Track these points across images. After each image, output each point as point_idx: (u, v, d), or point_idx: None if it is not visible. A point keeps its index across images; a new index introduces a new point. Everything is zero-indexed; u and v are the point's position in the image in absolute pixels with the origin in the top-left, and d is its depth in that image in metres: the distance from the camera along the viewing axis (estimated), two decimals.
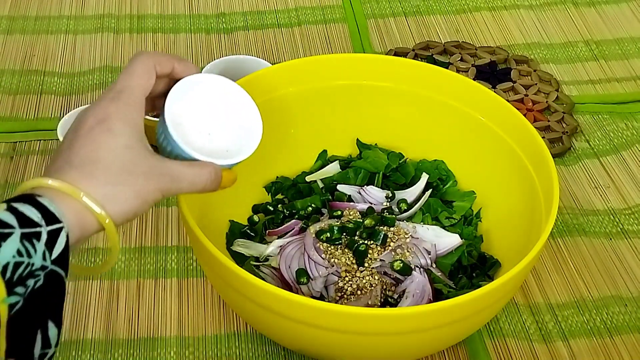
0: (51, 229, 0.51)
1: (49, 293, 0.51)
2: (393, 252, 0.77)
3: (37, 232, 0.50)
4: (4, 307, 0.48)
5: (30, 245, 0.50)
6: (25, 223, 0.50)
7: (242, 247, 0.80)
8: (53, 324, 0.52)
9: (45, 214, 0.51)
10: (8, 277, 0.48)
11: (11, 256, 0.48)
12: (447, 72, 0.85)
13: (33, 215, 0.51)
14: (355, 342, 0.67)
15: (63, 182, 0.54)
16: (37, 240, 0.50)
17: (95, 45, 1.11)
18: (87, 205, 0.54)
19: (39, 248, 0.50)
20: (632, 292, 0.83)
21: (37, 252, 0.50)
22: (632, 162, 0.97)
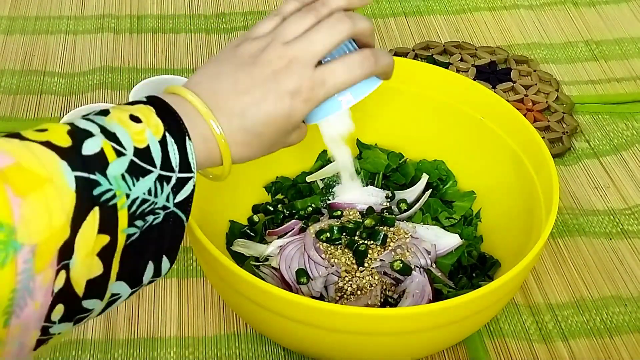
0: (181, 176, 0.53)
1: (167, 231, 0.53)
2: (393, 252, 0.77)
3: (168, 177, 0.53)
4: (123, 236, 0.50)
5: (160, 186, 0.52)
6: (165, 166, 0.52)
7: (242, 247, 0.80)
8: (167, 259, 0.54)
9: (183, 161, 0.53)
10: (132, 211, 0.50)
11: (142, 193, 0.51)
12: (447, 72, 0.85)
13: (173, 160, 0.53)
14: (355, 342, 0.67)
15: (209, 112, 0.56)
16: (167, 183, 0.52)
17: (95, 45, 1.11)
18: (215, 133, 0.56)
19: (165, 190, 0.52)
20: (632, 292, 0.83)
21: (162, 194, 0.52)
22: (632, 162, 0.97)
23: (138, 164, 0.51)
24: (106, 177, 0.49)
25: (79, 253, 0.48)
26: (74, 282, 0.48)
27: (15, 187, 0.45)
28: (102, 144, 0.50)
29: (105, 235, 0.49)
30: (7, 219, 0.44)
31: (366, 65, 0.61)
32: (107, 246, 0.49)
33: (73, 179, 0.47)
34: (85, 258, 0.48)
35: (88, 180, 0.48)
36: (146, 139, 0.52)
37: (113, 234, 0.49)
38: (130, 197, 0.50)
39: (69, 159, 0.48)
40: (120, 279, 0.51)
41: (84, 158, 0.49)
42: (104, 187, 0.49)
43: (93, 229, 0.48)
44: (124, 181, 0.50)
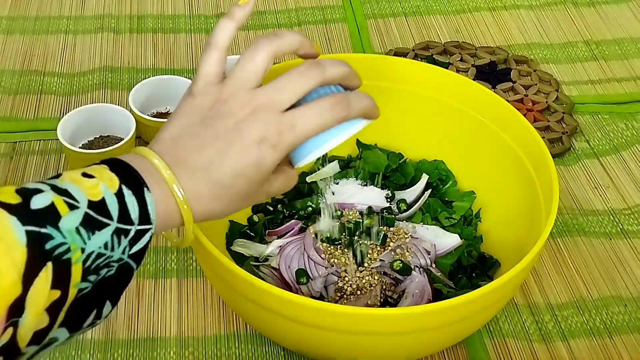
0: (140, 228, 0.52)
1: (117, 281, 0.52)
2: (393, 252, 0.77)
3: (127, 230, 0.51)
4: (74, 291, 0.49)
5: (117, 240, 0.50)
6: (123, 219, 0.51)
7: (242, 247, 0.80)
8: (110, 303, 0.53)
9: (142, 213, 0.52)
10: (87, 266, 0.49)
11: (97, 247, 0.49)
12: (447, 72, 0.85)
13: (132, 213, 0.51)
14: (355, 342, 0.67)
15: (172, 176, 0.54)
16: (124, 237, 0.51)
17: (95, 45, 1.11)
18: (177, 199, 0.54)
19: (123, 244, 0.51)
20: (632, 292, 0.83)
21: (119, 247, 0.51)
22: (632, 162, 0.97)
23: (93, 217, 0.49)
24: (59, 231, 0.47)
25: (30, 310, 0.46)
26: (19, 338, 0.46)
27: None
28: (52, 198, 0.48)
29: (57, 290, 0.47)
30: None
31: (338, 109, 0.58)
32: (57, 301, 0.48)
33: (23, 233, 0.46)
34: (35, 316, 0.46)
35: (39, 235, 0.46)
36: (101, 192, 0.50)
37: (65, 289, 0.48)
38: (86, 251, 0.48)
39: (18, 214, 0.46)
40: (62, 326, 0.50)
41: (33, 212, 0.47)
42: (57, 240, 0.47)
43: (46, 285, 0.46)
44: (78, 235, 0.48)
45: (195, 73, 0.61)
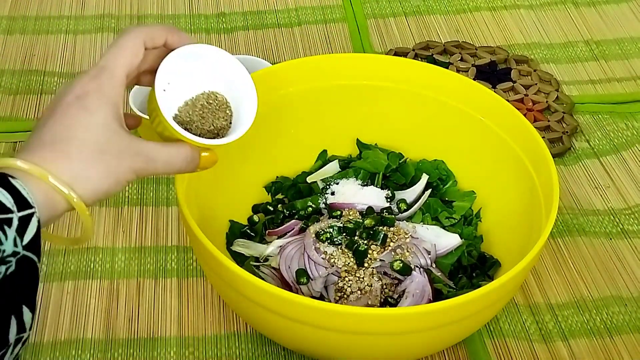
0: (22, 214, 0.51)
1: (22, 278, 0.51)
2: (393, 252, 0.77)
3: (8, 219, 0.50)
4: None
5: (1, 232, 0.49)
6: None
7: (242, 247, 0.80)
8: (27, 309, 0.51)
9: (17, 199, 0.51)
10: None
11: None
12: (447, 72, 0.85)
13: (5, 201, 0.50)
14: (355, 342, 0.67)
15: (31, 164, 0.53)
16: (8, 226, 0.50)
17: (95, 45, 1.11)
18: (54, 186, 0.53)
19: (9, 235, 0.50)
20: (632, 292, 0.83)
21: (8, 239, 0.49)
22: (632, 162, 0.97)
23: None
24: None
25: None
26: None
27: None
28: None
29: None
30: None
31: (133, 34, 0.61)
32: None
33: None
34: None
35: None
36: None
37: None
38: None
39: None
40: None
41: None
42: None
43: None
44: None
45: None
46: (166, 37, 0.63)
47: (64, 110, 0.57)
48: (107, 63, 0.59)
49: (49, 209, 0.54)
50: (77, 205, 0.55)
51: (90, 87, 0.58)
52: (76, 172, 0.55)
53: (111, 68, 0.59)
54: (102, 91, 0.58)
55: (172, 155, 0.61)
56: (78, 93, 0.57)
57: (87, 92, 0.57)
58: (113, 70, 0.59)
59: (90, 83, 0.58)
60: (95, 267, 0.83)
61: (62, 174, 0.54)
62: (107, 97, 0.58)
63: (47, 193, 0.54)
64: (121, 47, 0.60)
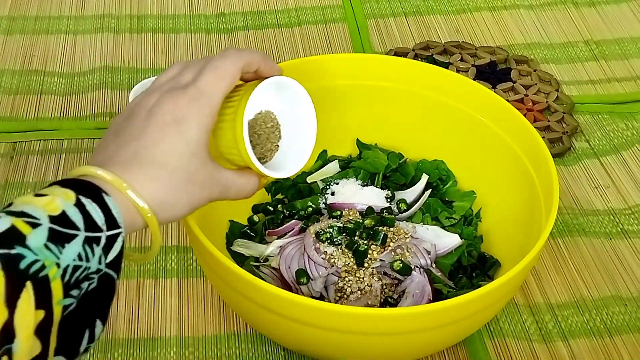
0: (110, 234, 0.51)
1: (100, 294, 0.52)
2: (393, 252, 0.77)
3: (97, 238, 0.51)
4: (59, 309, 0.48)
5: (90, 249, 0.50)
6: (90, 226, 0.50)
7: (242, 247, 0.80)
8: (100, 322, 0.52)
9: (108, 218, 0.51)
10: (66, 280, 0.48)
11: (72, 259, 0.49)
12: (447, 72, 0.85)
13: (98, 219, 0.51)
14: (355, 342, 0.67)
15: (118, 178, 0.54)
16: (96, 245, 0.50)
17: (95, 45, 1.11)
18: (134, 202, 0.54)
19: (96, 252, 0.50)
20: (632, 292, 0.83)
21: (94, 257, 0.50)
22: (632, 162, 0.97)
23: (59, 231, 0.48)
24: (29, 249, 0.47)
25: (20, 334, 0.45)
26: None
27: None
28: (11, 221, 0.47)
29: (41, 310, 0.47)
30: None
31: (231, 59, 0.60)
32: (43, 321, 0.47)
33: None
34: (27, 340, 0.46)
35: (10, 256, 0.46)
36: (59, 206, 0.50)
37: (48, 307, 0.47)
38: (61, 265, 0.48)
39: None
40: (57, 354, 0.49)
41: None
42: (30, 258, 0.46)
43: (30, 306, 0.46)
44: (49, 251, 0.47)
45: None
46: (259, 65, 0.63)
47: (162, 130, 0.57)
48: (208, 87, 0.59)
49: (128, 227, 0.55)
50: (152, 225, 0.55)
51: (190, 112, 0.57)
52: (163, 198, 0.56)
53: (211, 93, 0.59)
54: (201, 118, 0.58)
55: (244, 184, 0.62)
56: (177, 115, 0.57)
57: (186, 116, 0.57)
58: (212, 96, 0.59)
59: (190, 106, 0.58)
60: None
61: (150, 198, 0.55)
62: (205, 126, 0.58)
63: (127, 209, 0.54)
64: (222, 71, 0.60)
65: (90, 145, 0.96)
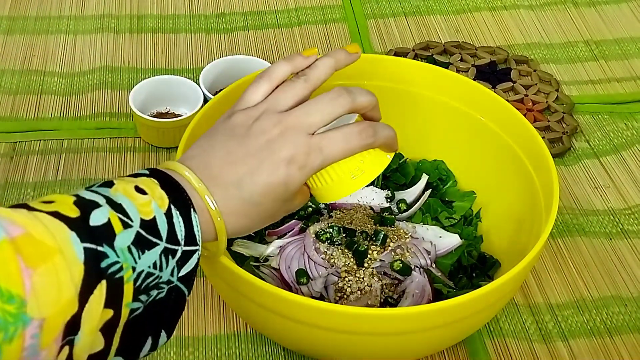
0: (187, 249, 0.53)
1: (168, 305, 0.53)
2: (393, 253, 0.77)
3: (174, 250, 0.52)
4: (126, 310, 0.49)
5: (165, 260, 0.51)
6: (171, 239, 0.51)
7: (242, 248, 0.80)
8: (165, 333, 0.53)
9: (188, 234, 0.53)
10: (138, 285, 0.49)
11: (147, 266, 0.50)
12: (447, 72, 0.85)
13: (179, 233, 0.52)
14: (355, 342, 0.67)
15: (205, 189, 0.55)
16: (172, 257, 0.52)
17: (95, 45, 1.11)
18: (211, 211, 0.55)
19: (170, 264, 0.52)
20: (632, 292, 0.83)
21: (167, 268, 0.51)
22: (632, 162, 0.97)
23: (144, 237, 0.50)
24: (113, 249, 0.48)
25: (84, 328, 0.47)
26: (76, 357, 0.47)
27: (27, 258, 0.44)
28: (109, 214, 0.49)
29: (109, 309, 0.48)
30: (19, 290, 0.43)
31: (364, 136, 0.60)
32: (110, 321, 0.48)
33: (82, 250, 0.47)
34: (90, 334, 0.47)
35: (96, 252, 0.47)
36: (152, 211, 0.51)
37: (117, 308, 0.49)
38: (136, 270, 0.49)
39: (78, 230, 0.47)
40: (118, 354, 0.50)
41: (91, 229, 0.48)
42: (112, 259, 0.48)
43: (100, 303, 0.47)
44: (130, 254, 0.49)
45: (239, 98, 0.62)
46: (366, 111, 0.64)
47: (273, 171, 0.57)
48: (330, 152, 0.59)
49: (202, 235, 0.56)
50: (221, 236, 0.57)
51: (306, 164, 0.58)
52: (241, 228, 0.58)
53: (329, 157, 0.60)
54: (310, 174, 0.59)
55: (303, 202, 0.64)
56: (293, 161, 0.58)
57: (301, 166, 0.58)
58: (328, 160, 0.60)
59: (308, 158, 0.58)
60: None
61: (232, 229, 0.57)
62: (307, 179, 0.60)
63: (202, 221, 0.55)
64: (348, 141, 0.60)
65: (90, 145, 0.96)
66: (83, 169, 0.93)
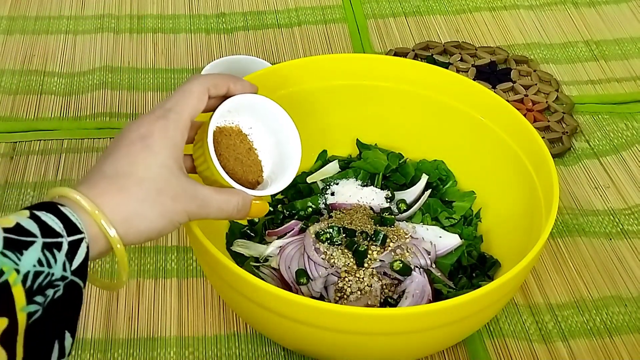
0: (72, 239, 0.52)
1: (68, 303, 0.52)
2: (393, 253, 0.77)
3: (58, 243, 0.51)
4: (23, 316, 0.48)
5: (51, 255, 0.50)
6: (47, 233, 0.51)
7: (242, 248, 0.80)
8: (69, 334, 0.52)
9: (67, 224, 0.52)
10: (28, 286, 0.48)
11: (32, 265, 0.49)
12: (447, 72, 0.85)
13: (55, 225, 0.51)
14: (355, 342, 0.67)
15: (86, 199, 0.55)
16: (57, 250, 0.51)
17: (95, 45, 1.11)
18: (100, 224, 0.55)
19: (59, 258, 0.51)
20: (632, 292, 0.83)
21: (57, 263, 0.50)
22: (632, 162, 0.97)
23: (14, 239, 0.49)
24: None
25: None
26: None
27: None
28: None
29: (3, 317, 0.47)
30: None
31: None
32: (7, 329, 0.47)
33: None
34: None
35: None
36: (12, 220, 0.50)
37: (11, 314, 0.47)
38: (21, 271, 0.48)
39: None
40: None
41: None
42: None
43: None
44: (5, 257, 0.48)
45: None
46: (228, 85, 0.65)
47: (128, 146, 0.58)
48: (173, 106, 0.61)
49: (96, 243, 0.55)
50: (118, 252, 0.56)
51: (155, 128, 0.59)
52: (132, 209, 0.56)
53: (177, 111, 0.61)
54: (167, 133, 0.60)
55: (225, 202, 0.63)
56: (143, 132, 0.59)
57: (152, 131, 0.59)
58: (179, 114, 0.61)
59: (155, 123, 0.60)
60: (95, 267, 0.83)
61: (118, 210, 0.56)
62: (170, 139, 0.60)
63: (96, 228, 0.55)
64: (187, 92, 0.62)
65: (90, 145, 0.96)
66: (83, 169, 0.93)
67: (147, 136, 0.59)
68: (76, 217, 0.53)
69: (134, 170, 0.57)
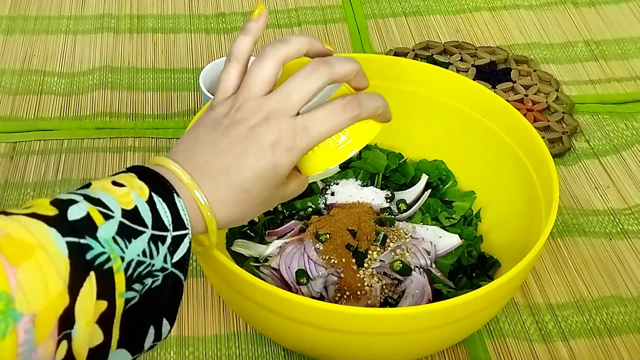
0: (176, 234, 0.53)
1: (166, 293, 0.53)
2: (393, 253, 0.77)
3: (163, 236, 0.52)
4: (121, 301, 0.50)
5: (155, 247, 0.51)
6: (157, 225, 0.52)
7: (242, 248, 0.80)
8: (167, 322, 0.54)
9: (175, 218, 0.53)
10: (129, 274, 0.50)
11: (136, 254, 0.50)
12: (447, 72, 0.85)
13: (165, 219, 0.52)
14: (355, 342, 0.67)
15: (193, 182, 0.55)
16: (162, 243, 0.52)
17: (95, 45, 1.11)
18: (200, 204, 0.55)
19: (162, 251, 0.52)
20: (632, 292, 0.83)
21: (159, 255, 0.52)
22: (632, 162, 0.97)
23: (128, 226, 0.50)
24: (97, 241, 0.48)
25: (80, 321, 0.47)
26: (75, 353, 0.47)
27: (8, 257, 0.44)
28: (87, 208, 0.49)
29: (103, 300, 0.48)
30: (5, 287, 0.43)
31: (349, 109, 0.59)
32: (105, 312, 0.49)
33: (65, 244, 0.47)
34: (86, 326, 0.47)
35: (79, 245, 0.48)
36: (133, 201, 0.51)
37: (111, 299, 0.49)
38: (125, 259, 0.49)
39: (57, 226, 0.47)
40: (121, 346, 0.51)
41: (71, 223, 0.48)
42: (97, 250, 0.48)
43: (92, 295, 0.48)
44: (116, 244, 0.49)
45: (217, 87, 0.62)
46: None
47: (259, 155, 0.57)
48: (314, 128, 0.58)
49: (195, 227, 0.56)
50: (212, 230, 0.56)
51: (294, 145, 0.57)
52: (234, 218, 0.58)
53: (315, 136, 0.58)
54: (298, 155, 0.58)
55: (298, 189, 0.63)
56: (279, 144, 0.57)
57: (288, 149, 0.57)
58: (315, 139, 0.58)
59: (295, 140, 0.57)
60: None
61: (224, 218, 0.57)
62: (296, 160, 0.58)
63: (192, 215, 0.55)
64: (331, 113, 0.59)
65: (90, 145, 0.96)
66: (83, 169, 0.93)
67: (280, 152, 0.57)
68: (185, 212, 0.53)
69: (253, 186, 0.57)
